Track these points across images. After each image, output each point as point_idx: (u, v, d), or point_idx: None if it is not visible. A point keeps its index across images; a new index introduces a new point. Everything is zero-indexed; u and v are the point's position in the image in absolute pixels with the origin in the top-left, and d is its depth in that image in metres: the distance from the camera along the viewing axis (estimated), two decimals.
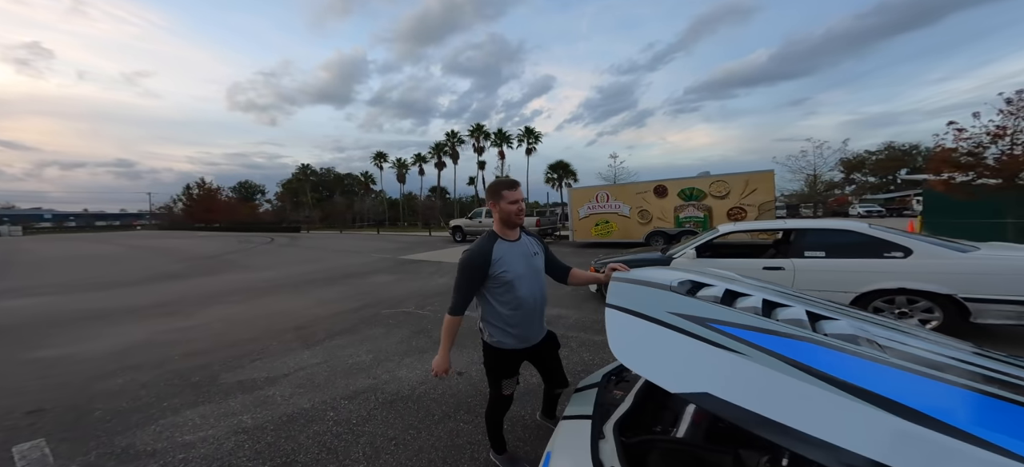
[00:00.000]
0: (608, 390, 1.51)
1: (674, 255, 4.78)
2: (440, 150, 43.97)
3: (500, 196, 1.63)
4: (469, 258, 1.61)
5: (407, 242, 19.99)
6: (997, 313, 3.18)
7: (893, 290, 3.50)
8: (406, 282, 7.97)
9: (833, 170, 20.51)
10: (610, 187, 14.65)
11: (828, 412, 0.67)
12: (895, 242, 3.60)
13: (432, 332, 4.46)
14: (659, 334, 0.95)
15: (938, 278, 3.33)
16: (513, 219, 1.64)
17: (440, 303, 5.89)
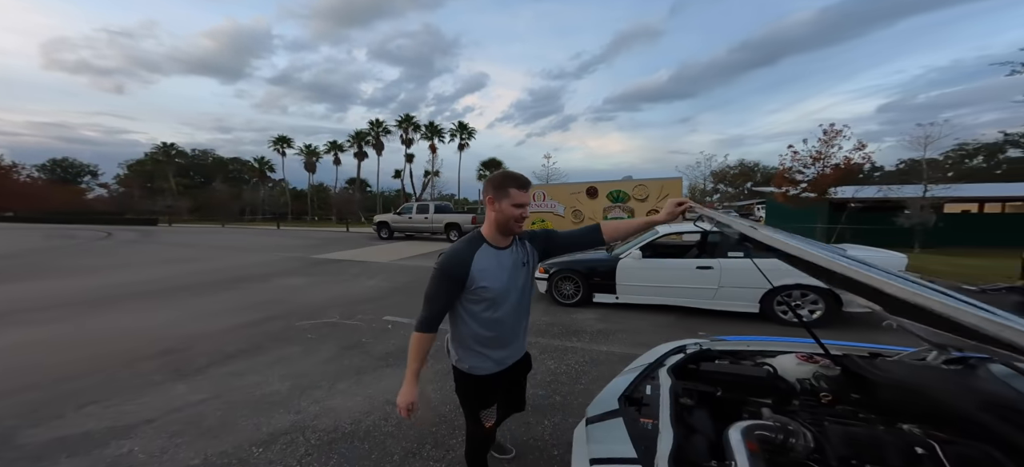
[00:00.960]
0: (635, 420, 1.34)
1: (620, 255, 5.03)
2: (361, 139, 40.00)
3: (506, 193, 1.29)
4: (445, 265, 1.31)
5: (319, 238, 17.60)
6: (858, 303, 4.03)
7: (792, 286, 4.19)
8: (325, 286, 6.87)
9: (706, 179, 25.06)
10: (546, 187, 15.07)
11: None
12: None
13: (370, 346, 3.84)
14: None
15: None
16: (512, 226, 1.34)
17: (373, 310, 5.18)
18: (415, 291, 6.34)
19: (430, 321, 1.33)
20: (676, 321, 4.47)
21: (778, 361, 1.60)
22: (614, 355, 3.45)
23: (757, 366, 1.58)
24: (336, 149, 42.54)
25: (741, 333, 2.59)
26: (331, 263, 9.75)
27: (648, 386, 1.45)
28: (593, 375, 3.05)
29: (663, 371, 1.51)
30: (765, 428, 1.03)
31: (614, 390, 1.56)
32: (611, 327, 4.28)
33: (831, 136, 11.42)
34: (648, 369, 1.60)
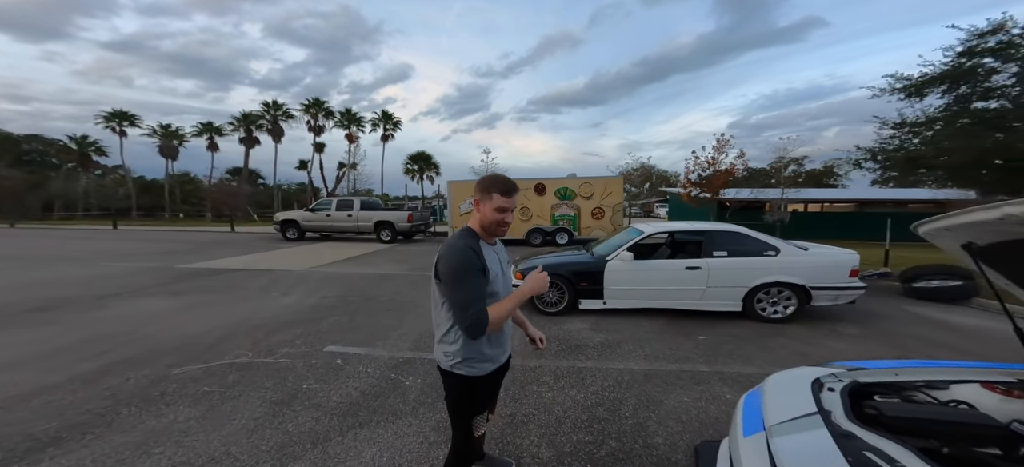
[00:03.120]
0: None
1: (607, 257, 4.79)
2: (251, 122, 33.39)
3: (490, 196, 1.35)
4: (468, 259, 1.28)
5: (189, 241, 13.92)
6: (824, 297, 4.51)
7: (772, 283, 4.48)
8: (212, 308, 5.14)
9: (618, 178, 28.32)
10: None
11: None
12: (770, 243, 4.64)
13: (319, 396, 2.79)
14: None
15: (797, 272, 4.46)
16: (494, 229, 1.38)
17: (304, 340, 3.96)
18: (362, 307, 5.17)
19: (484, 307, 1.27)
20: (668, 324, 4.39)
21: (972, 397, 1.39)
22: (638, 374, 3.11)
23: (961, 409, 1.33)
24: (212, 132, 34.91)
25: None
26: (214, 275, 7.57)
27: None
28: (632, 404, 2.64)
29: (838, 417, 1.21)
30: None
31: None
32: (612, 337, 3.96)
33: (722, 145, 13.53)
34: (806, 418, 1.25)
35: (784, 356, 3.46)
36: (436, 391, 2.85)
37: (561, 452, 2.15)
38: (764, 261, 4.54)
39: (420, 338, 4.02)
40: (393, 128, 37.06)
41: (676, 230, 5.29)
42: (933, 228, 1.42)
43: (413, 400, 2.74)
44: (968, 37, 7.77)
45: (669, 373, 3.09)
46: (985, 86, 7.76)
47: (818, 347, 3.73)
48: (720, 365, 3.25)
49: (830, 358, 3.29)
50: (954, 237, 1.40)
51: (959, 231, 1.34)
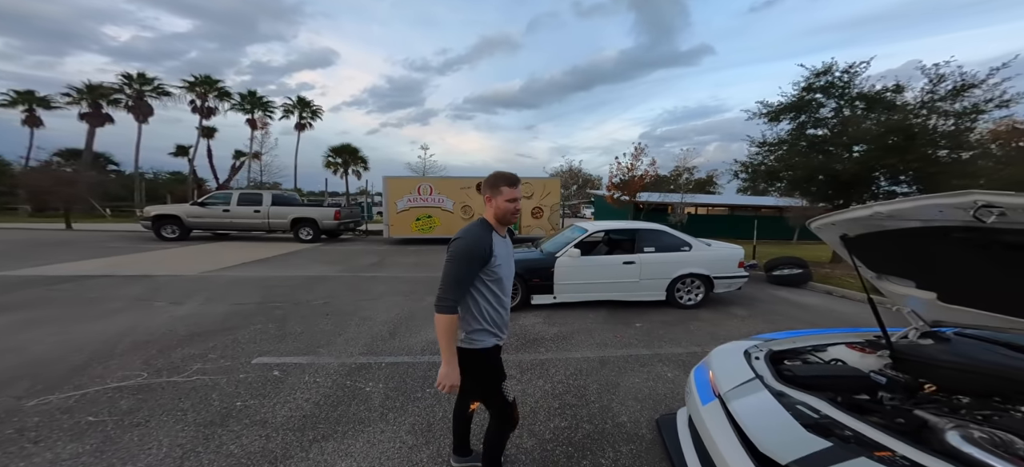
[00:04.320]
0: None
1: (556, 254, 5.11)
2: (100, 95, 25.62)
3: (499, 191, 1.56)
4: (472, 247, 1.49)
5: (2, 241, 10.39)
6: (722, 285, 5.51)
7: (687, 274, 5.32)
8: (67, 325, 4.02)
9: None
10: (434, 180, 14.11)
11: None
12: (685, 239, 5.48)
13: (261, 412, 2.45)
14: None
15: (704, 264, 5.37)
16: (508, 218, 1.60)
17: (222, 352, 3.39)
18: (292, 313, 4.57)
19: (457, 302, 1.48)
20: (609, 314, 4.89)
21: (843, 356, 1.86)
22: (594, 361, 3.42)
23: (839, 365, 1.80)
24: (33, 103, 26.29)
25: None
26: (57, 283, 5.87)
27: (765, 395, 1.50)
28: (595, 389, 2.91)
29: (769, 380, 1.58)
30: (982, 432, 1.19)
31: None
32: (564, 330, 4.26)
33: (638, 152, 15.50)
34: (749, 383, 1.61)
35: (701, 337, 4.16)
36: (403, 395, 2.77)
37: (542, 439, 2.29)
38: (682, 255, 5.36)
39: (372, 342, 3.77)
40: (311, 117, 32.70)
41: (612, 228, 5.86)
42: (822, 224, 1.81)
43: (379, 406, 2.61)
44: (808, 76, 10.16)
45: (619, 358, 3.48)
46: (815, 117, 10.28)
47: (722, 327, 4.57)
48: (657, 348, 3.77)
49: (733, 335, 4.08)
50: (835, 231, 1.78)
51: (839, 226, 1.73)
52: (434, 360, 3.38)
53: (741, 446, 1.36)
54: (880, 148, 8.78)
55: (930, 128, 8.64)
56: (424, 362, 3.34)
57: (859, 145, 9.37)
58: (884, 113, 9.15)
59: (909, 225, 1.49)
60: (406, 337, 3.95)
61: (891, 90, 9.40)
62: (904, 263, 1.78)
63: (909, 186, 9.46)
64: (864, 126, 9.14)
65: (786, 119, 10.56)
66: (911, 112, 8.86)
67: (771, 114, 10.65)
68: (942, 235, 1.43)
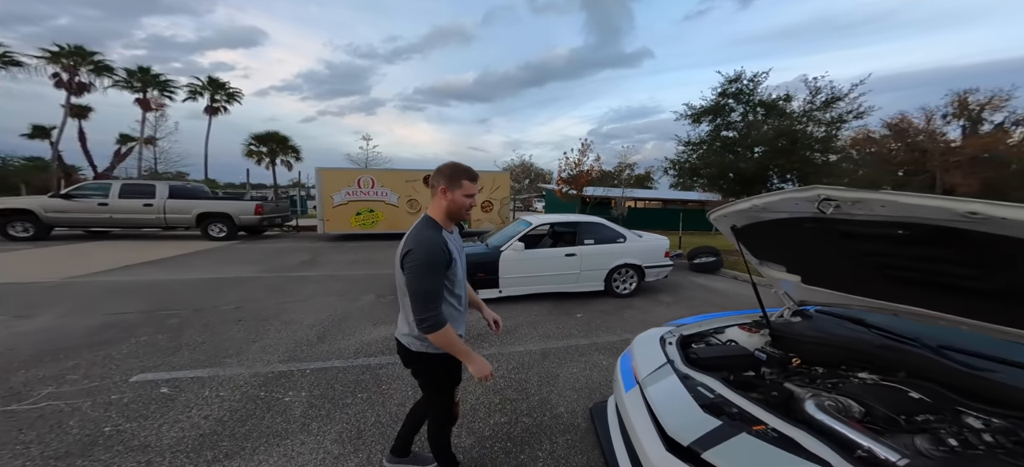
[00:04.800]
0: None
1: (501, 248, 5.08)
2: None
3: (459, 184, 1.48)
4: (434, 255, 1.40)
5: None
6: (652, 274, 5.97)
7: (622, 265, 5.66)
8: None
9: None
10: (376, 172, 13.17)
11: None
12: (620, 231, 5.82)
13: (144, 435, 2.06)
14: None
15: (636, 255, 5.75)
16: (462, 214, 1.53)
17: (90, 373, 2.80)
18: (191, 321, 3.93)
19: (440, 312, 1.40)
20: (553, 306, 5.01)
21: (736, 336, 2.08)
22: (536, 354, 3.47)
23: (732, 345, 1.99)
24: None
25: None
26: None
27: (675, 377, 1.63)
28: (535, 381, 2.95)
29: (678, 364, 1.71)
30: (829, 399, 1.40)
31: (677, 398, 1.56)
32: (509, 323, 4.26)
33: (585, 148, 16.22)
34: (661, 368, 1.74)
35: (634, 323, 4.46)
36: (330, 402, 2.56)
37: (481, 436, 2.26)
38: (617, 247, 5.67)
39: (296, 348, 3.41)
40: (227, 100, 28.25)
41: (556, 222, 6.00)
42: (717, 216, 1.95)
43: (300, 416, 2.37)
44: (723, 83, 11.37)
45: (560, 349, 3.57)
46: (728, 120, 11.57)
47: (651, 314, 4.95)
48: (594, 337, 3.94)
49: (659, 321, 4.42)
50: (727, 222, 1.93)
51: (730, 217, 1.88)
52: (369, 363, 3.16)
53: (655, 430, 1.43)
54: (772, 150, 10.20)
55: (808, 134, 10.22)
56: (357, 365, 3.11)
57: (759, 147, 10.76)
58: (776, 119, 10.60)
59: (777, 216, 1.66)
60: (337, 340, 3.64)
61: (782, 99, 10.91)
62: (777, 250, 1.99)
63: (793, 183, 11.12)
64: (762, 130, 10.51)
65: (705, 121, 11.76)
66: (795, 119, 10.37)
67: (693, 116, 11.78)
68: (799, 225, 1.61)
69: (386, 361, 3.19)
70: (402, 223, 12.39)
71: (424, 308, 1.36)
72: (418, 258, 1.37)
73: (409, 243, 1.42)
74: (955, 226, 1.15)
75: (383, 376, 2.95)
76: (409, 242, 1.42)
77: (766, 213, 1.68)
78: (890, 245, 1.41)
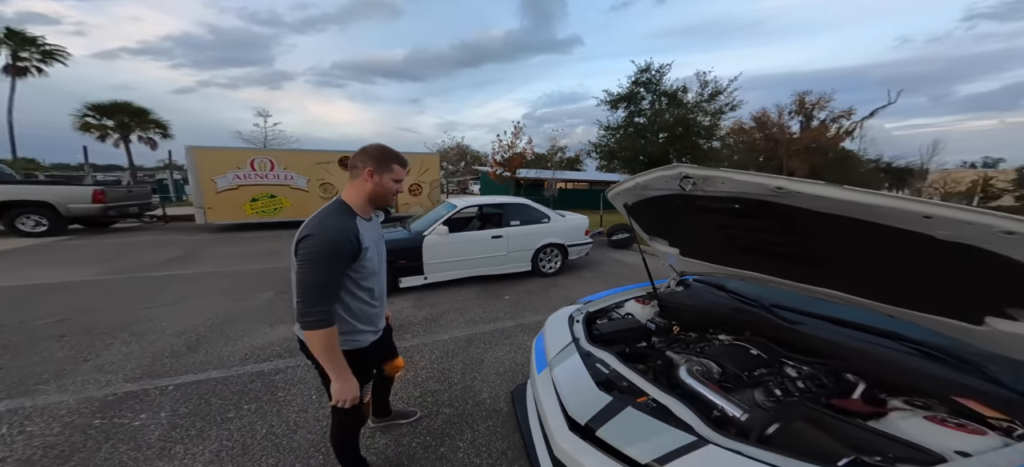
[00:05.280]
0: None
1: (424, 233, 4.77)
2: None
3: (389, 168, 1.38)
4: (337, 242, 1.25)
5: None
6: (575, 252, 6.23)
7: (547, 245, 5.78)
8: None
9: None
10: (277, 153, 11.32)
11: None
12: (544, 211, 5.92)
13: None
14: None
15: (560, 234, 5.92)
16: (389, 199, 1.43)
17: None
18: None
19: (329, 311, 1.25)
20: (481, 290, 4.90)
21: (633, 309, 2.18)
22: (461, 340, 3.32)
23: (629, 318, 2.06)
24: None
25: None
26: None
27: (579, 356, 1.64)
28: (459, 369, 2.81)
29: (583, 342, 1.74)
30: (697, 364, 1.53)
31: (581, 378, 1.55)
32: (434, 311, 4.03)
33: (518, 131, 16.36)
34: (567, 347, 1.75)
35: (558, 301, 4.58)
36: (204, 419, 2.13)
37: (397, 435, 2.05)
38: (542, 227, 5.76)
39: (152, 362, 2.75)
40: (41, 59, 21.44)
41: (482, 204, 5.84)
42: (612, 194, 2.00)
43: (158, 441, 1.94)
44: (636, 72, 12.35)
45: (486, 334, 3.48)
46: (639, 107, 12.68)
47: (573, 290, 5.16)
48: (520, 318, 3.94)
49: (580, 297, 4.64)
50: (620, 199, 1.99)
51: (622, 195, 1.93)
52: (261, 369, 2.68)
53: (561, 411, 1.40)
54: (672, 135, 11.54)
55: (698, 122, 11.77)
56: (244, 374, 2.62)
57: (663, 132, 12.05)
58: (676, 108, 11.97)
59: (656, 194, 1.74)
60: (217, 347, 3.03)
61: (681, 91, 12.32)
62: (659, 226, 2.12)
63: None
64: (665, 118, 11.78)
65: (621, 108, 12.71)
66: (689, 109, 11.84)
67: (611, 102, 12.64)
68: (672, 201, 1.69)
69: (285, 365, 2.75)
70: (313, 208, 10.98)
71: (311, 301, 1.20)
72: (315, 245, 1.22)
73: (308, 228, 1.26)
74: (769, 199, 1.28)
75: (280, 382, 2.53)
76: (309, 227, 1.26)
77: (647, 191, 1.74)
78: (732, 218, 1.54)
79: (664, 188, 1.62)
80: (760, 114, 19.15)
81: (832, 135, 17.24)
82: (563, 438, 1.33)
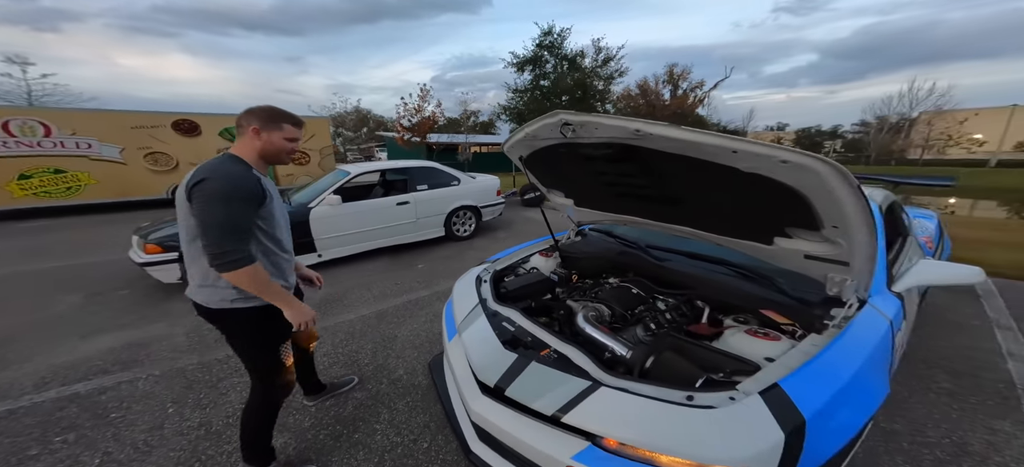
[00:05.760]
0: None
1: (309, 204, 4.20)
2: None
3: (279, 126, 1.34)
4: (240, 185, 1.22)
5: None
6: (488, 213, 6.26)
7: (460, 207, 5.67)
8: None
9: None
10: (50, 113, 8.24)
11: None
12: (453, 174, 5.74)
13: None
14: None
15: (472, 196, 5.85)
16: (283, 157, 1.38)
17: None
18: None
19: (247, 249, 1.23)
20: (392, 261, 4.62)
21: (537, 263, 2.25)
22: (370, 318, 3.11)
23: (534, 273, 2.12)
24: None
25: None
26: None
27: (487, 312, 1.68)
28: (369, 349, 2.65)
29: (490, 302, 1.75)
30: (592, 310, 1.66)
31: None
32: (336, 290, 3.67)
33: (425, 94, 15.21)
34: (474, 310, 1.75)
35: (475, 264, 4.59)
36: (44, 440, 1.58)
37: (301, 429, 1.88)
38: (452, 190, 5.60)
39: None
40: None
41: (384, 169, 5.38)
42: (507, 148, 1.94)
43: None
44: (540, 35, 12.38)
45: (398, 307, 3.32)
46: (544, 71, 12.90)
47: (489, 250, 5.23)
48: (435, 286, 3.85)
49: None
50: (515, 151, 1.94)
51: (516, 148, 1.87)
52: (75, 392, 2.13)
53: (472, 375, 1.41)
54: (572, 99, 12.19)
55: (595, 86, 12.61)
56: (47, 402, 2.06)
57: (565, 95, 12.59)
58: (575, 72, 12.55)
59: (545, 143, 1.69)
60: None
61: (579, 56, 12.88)
62: (554, 177, 2.10)
63: None
64: (566, 82, 12.28)
65: (528, 70, 12.74)
66: (586, 73, 12.55)
67: (518, 65, 12.55)
68: (559, 151, 1.68)
69: (114, 381, 2.24)
70: (140, 185, 8.75)
71: (224, 240, 1.16)
72: (217, 186, 1.17)
73: (203, 173, 1.20)
74: (631, 143, 1.35)
75: (110, 402, 2.06)
76: (203, 171, 1.20)
77: (537, 141, 1.71)
78: (608, 165, 1.58)
79: (550, 137, 1.60)
80: (643, 82, 21.36)
81: (691, 103, 20.29)
82: (476, 402, 1.35)
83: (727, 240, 1.68)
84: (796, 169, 1.11)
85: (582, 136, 1.44)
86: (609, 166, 1.59)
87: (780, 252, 1.52)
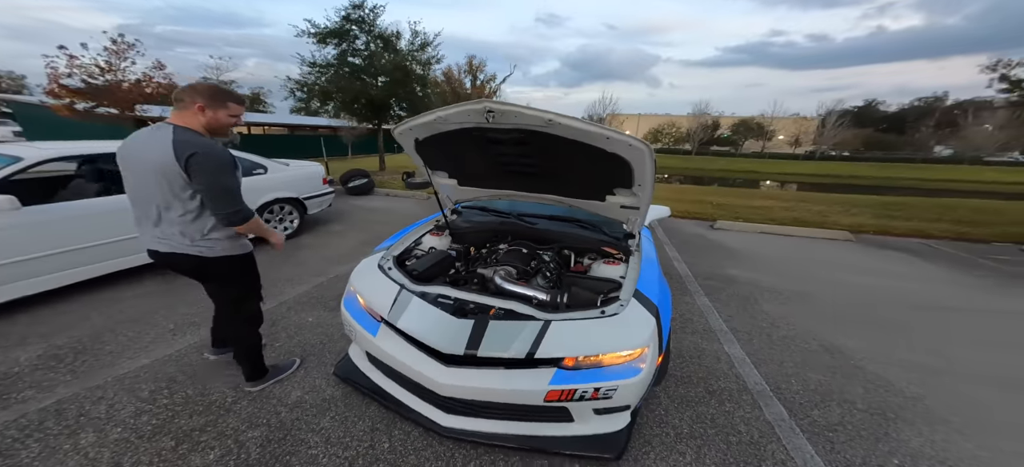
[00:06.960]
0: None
1: None
2: None
3: (224, 104, 1.58)
4: (225, 154, 1.52)
5: None
6: (314, 205, 5.33)
7: (274, 201, 4.60)
8: None
9: None
10: None
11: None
12: (257, 162, 4.56)
13: None
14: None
15: (288, 187, 4.81)
16: (226, 133, 1.63)
17: None
18: None
19: (245, 205, 1.60)
20: (173, 279, 3.30)
21: (433, 243, 2.39)
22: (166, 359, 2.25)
23: (434, 251, 2.23)
24: None
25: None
26: None
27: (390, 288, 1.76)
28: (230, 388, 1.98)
29: (410, 285, 1.81)
30: (503, 271, 1.94)
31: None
32: (67, 340, 2.38)
33: (123, 48, 10.45)
34: (401, 296, 1.75)
35: (317, 264, 3.92)
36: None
37: None
38: (258, 180, 4.46)
39: None
40: None
41: (101, 153, 3.36)
42: (402, 130, 1.95)
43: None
44: (347, 6, 10.94)
45: None
46: (354, 47, 11.56)
47: (332, 248, 4.54)
48: (280, 296, 3.11)
49: (340, 256, 4.20)
50: (411, 135, 1.97)
51: (414, 130, 1.93)
52: None
53: (425, 354, 1.48)
54: (392, 80, 11.63)
55: (413, 70, 12.40)
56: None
57: (383, 76, 11.80)
58: (392, 54, 11.94)
59: (453, 127, 1.81)
60: None
61: (395, 36, 12.26)
62: (444, 159, 2.25)
63: (406, 113, 13.27)
64: (383, 62, 11.53)
65: (332, 44, 11.00)
66: (404, 56, 12.17)
67: (319, 36, 10.63)
68: (467, 135, 1.82)
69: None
70: None
71: (232, 201, 1.54)
72: (216, 157, 1.47)
73: (189, 148, 1.42)
74: (540, 130, 1.58)
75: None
76: (187, 147, 1.42)
77: (445, 125, 1.80)
78: (511, 147, 1.79)
79: (464, 121, 1.70)
80: (447, 70, 22.74)
81: (487, 94, 23.36)
82: (442, 375, 1.41)
83: (578, 202, 2.21)
84: (632, 149, 1.62)
85: (499, 122, 1.61)
86: (513, 148, 1.81)
87: (608, 206, 2.11)
